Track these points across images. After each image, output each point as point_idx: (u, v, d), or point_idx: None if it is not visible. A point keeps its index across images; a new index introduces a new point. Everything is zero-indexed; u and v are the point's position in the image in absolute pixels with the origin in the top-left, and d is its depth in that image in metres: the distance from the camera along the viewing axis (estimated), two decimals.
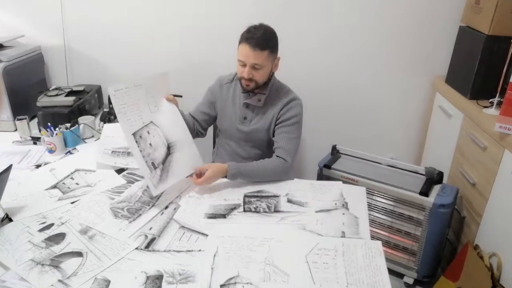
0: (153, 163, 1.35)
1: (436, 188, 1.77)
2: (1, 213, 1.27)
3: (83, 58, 2.29)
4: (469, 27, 1.90)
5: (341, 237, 1.19)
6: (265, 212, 1.32)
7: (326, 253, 1.12)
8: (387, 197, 1.83)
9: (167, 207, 1.34)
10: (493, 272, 1.48)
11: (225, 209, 1.33)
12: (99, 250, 1.12)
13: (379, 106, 2.29)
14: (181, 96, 1.79)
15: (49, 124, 1.71)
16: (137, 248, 1.14)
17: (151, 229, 1.22)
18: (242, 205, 1.36)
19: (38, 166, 1.58)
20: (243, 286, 1.01)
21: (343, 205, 1.35)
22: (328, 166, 1.93)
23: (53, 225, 1.22)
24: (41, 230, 1.20)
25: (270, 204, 1.36)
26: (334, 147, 2.07)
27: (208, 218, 1.29)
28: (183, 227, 1.24)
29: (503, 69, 1.68)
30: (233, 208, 1.34)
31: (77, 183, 1.46)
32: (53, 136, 1.66)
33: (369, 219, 1.29)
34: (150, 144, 1.37)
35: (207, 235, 1.20)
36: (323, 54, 2.19)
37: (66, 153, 1.69)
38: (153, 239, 1.18)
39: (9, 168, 1.24)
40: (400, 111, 2.29)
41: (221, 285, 1.01)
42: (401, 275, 1.92)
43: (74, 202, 1.35)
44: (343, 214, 1.30)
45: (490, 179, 1.58)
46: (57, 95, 1.94)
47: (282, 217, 1.29)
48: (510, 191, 1.47)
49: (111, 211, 1.30)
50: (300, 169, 2.49)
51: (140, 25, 2.21)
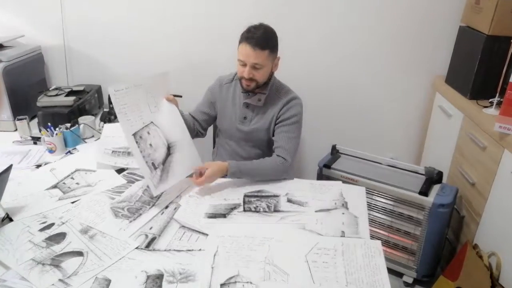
0: (153, 164, 1.35)
1: (435, 188, 1.77)
2: (1, 213, 1.27)
3: (83, 58, 2.29)
4: (469, 27, 1.91)
5: (341, 236, 1.20)
6: (265, 211, 1.32)
7: (325, 252, 1.12)
8: (387, 196, 1.83)
9: (167, 207, 1.34)
10: (492, 271, 1.48)
11: (225, 208, 1.34)
12: (100, 249, 1.12)
13: (379, 106, 2.29)
14: (181, 96, 1.79)
15: (49, 124, 1.71)
16: (137, 247, 1.14)
17: (151, 228, 1.23)
18: (242, 204, 1.36)
19: (38, 166, 1.59)
20: (243, 285, 1.01)
21: (343, 204, 1.36)
22: (328, 166, 1.94)
23: (53, 224, 1.23)
24: (41, 229, 1.20)
25: (270, 203, 1.36)
26: (334, 147, 2.07)
27: (208, 217, 1.29)
28: (184, 226, 1.24)
29: (503, 69, 1.68)
30: (233, 207, 1.34)
31: (78, 183, 1.46)
32: (53, 136, 1.66)
33: (368, 218, 1.29)
34: (150, 144, 1.37)
35: (207, 235, 1.20)
36: (323, 54, 2.19)
37: (66, 153, 1.69)
38: (153, 239, 1.18)
39: (9, 168, 1.24)
40: (400, 111, 2.30)
41: (221, 284, 1.01)
42: (400, 275, 1.92)
43: (74, 201, 1.35)
44: (343, 213, 1.31)
45: (489, 179, 1.58)
46: (57, 95, 1.94)
47: (282, 216, 1.30)
48: (509, 191, 1.47)
49: (111, 211, 1.30)
50: (300, 169, 2.49)
51: (140, 25, 2.21)
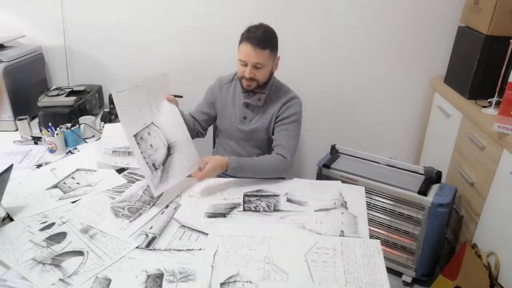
0: (153, 164, 1.35)
1: (434, 187, 1.78)
2: (2, 212, 1.28)
3: (83, 58, 2.29)
4: (468, 27, 1.91)
5: (340, 236, 1.20)
6: (265, 211, 1.33)
7: (325, 251, 1.13)
8: (386, 196, 1.84)
9: (167, 206, 1.35)
10: (491, 271, 1.48)
11: (225, 208, 1.34)
12: (100, 249, 1.13)
13: (378, 105, 2.29)
14: (182, 96, 1.79)
15: (50, 124, 1.72)
16: (137, 247, 1.14)
17: (151, 228, 1.23)
18: (242, 204, 1.36)
19: (39, 166, 1.59)
20: (243, 284, 1.01)
21: (342, 204, 1.36)
22: (327, 165, 1.94)
23: (54, 224, 1.23)
24: (42, 229, 1.21)
25: (269, 203, 1.37)
26: (333, 147, 2.08)
27: (208, 217, 1.29)
28: (184, 226, 1.25)
29: (501, 69, 1.68)
30: (233, 207, 1.35)
31: (78, 183, 1.46)
32: (54, 136, 1.67)
33: (368, 218, 1.29)
34: (150, 145, 1.37)
35: (207, 234, 1.21)
36: (323, 54, 2.20)
37: (67, 153, 1.70)
38: (153, 238, 1.18)
39: (10, 168, 1.24)
40: (399, 110, 2.30)
41: (221, 284, 1.01)
42: (399, 274, 1.93)
43: (75, 201, 1.35)
44: (342, 213, 1.31)
45: (488, 179, 1.59)
46: (58, 95, 1.95)
47: (281, 216, 1.30)
48: (508, 191, 1.47)
49: (111, 211, 1.31)
50: (299, 168, 2.50)
51: (140, 25, 2.21)
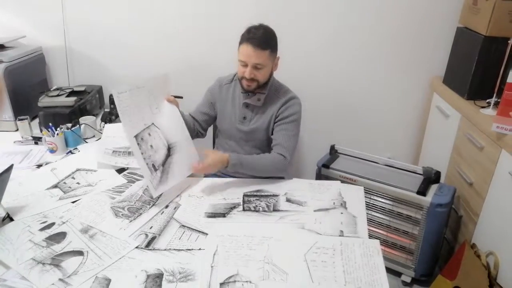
0: (153, 165, 1.36)
1: (433, 187, 1.78)
2: (2, 212, 1.28)
3: (84, 59, 2.30)
4: (466, 28, 1.91)
5: (339, 236, 1.20)
6: (264, 211, 1.33)
7: (324, 251, 1.13)
8: (385, 196, 1.84)
9: (167, 206, 1.35)
10: (490, 270, 1.49)
11: (224, 208, 1.35)
12: (100, 249, 1.13)
13: (377, 106, 2.30)
14: (182, 97, 1.80)
15: (50, 124, 1.72)
16: (137, 247, 1.15)
17: (151, 228, 1.23)
18: (241, 204, 1.37)
19: (39, 166, 1.59)
20: (243, 284, 1.02)
21: (342, 204, 1.36)
22: (326, 165, 1.94)
23: (54, 224, 1.23)
24: (42, 229, 1.21)
25: (269, 203, 1.37)
26: (332, 147, 2.08)
27: (208, 217, 1.30)
28: (183, 226, 1.25)
29: (500, 69, 1.69)
30: (233, 207, 1.35)
31: (78, 183, 1.47)
32: (54, 136, 1.67)
33: (367, 218, 1.30)
34: (151, 146, 1.38)
35: (207, 234, 1.21)
36: (322, 54, 2.20)
37: (67, 153, 1.70)
38: (153, 238, 1.19)
39: (10, 168, 1.24)
40: (398, 111, 2.30)
41: (221, 284, 1.02)
42: (398, 274, 1.93)
43: (75, 201, 1.36)
44: (342, 213, 1.32)
45: (487, 179, 1.59)
46: (58, 96, 1.95)
47: (281, 216, 1.30)
48: (506, 191, 1.48)
49: (111, 210, 1.31)
50: (299, 168, 2.50)
51: (140, 26, 2.22)
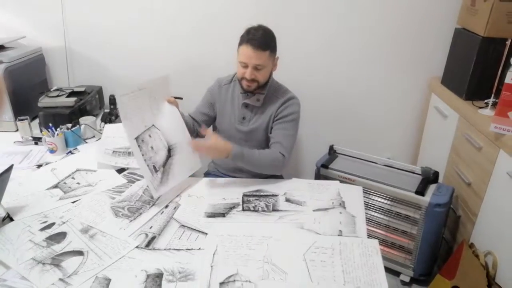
0: (154, 166, 1.36)
1: (432, 187, 1.79)
2: (2, 212, 1.28)
3: (84, 59, 2.30)
4: (464, 29, 1.92)
5: (338, 235, 1.21)
6: (264, 211, 1.34)
7: (323, 251, 1.14)
8: (384, 196, 1.85)
9: (167, 206, 1.35)
10: (488, 270, 1.49)
11: (224, 208, 1.35)
12: (100, 249, 1.14)
13: (375, 106, 2.30)
14: (182, 98, 1.80)
15: (50, 124, 1.72)
16: (137, 246, 1.15)
17: (151, 228, 1.24)
18: (241, 204, 1.37)
19: (39, 166, 1.60)
20: (242, 284, 1.02)
21: (340, 204, 1.37)
22: (325, 165, 1.95)
23: (54, 224, 1.24)
24: (42, 229, 1.21)
25: (268, 203, 1.38)
26: (331, 147, 2.09)
27: (207, 217, 1.30)
28: (183, 225, 1.26)
29: (498, 70, 1.70)
30: (232, 207, 1.36)
31: (78, 183, 1.47)
32: (54, 136, 1.68)
33: (366, 218, 1.30)
34: (151, 147, 1.38)
35: (207, 234, 1.22)
36: (321, 54, 2.21)
37: (67, 153, 1.70)
38: (153, 238, 1.19)
39: (10, 168, 1.25)
40: (396, 111, 2.31)
41: (221, 283, 1.02)
42: (397, 273, 1.94)
43: (75, 201, 1.36)
44: (340, 213, 1.32)
45: (485, 179, 1.60)
46: (58, 96, 1.95)
47: (280, 216, 1.31)
48: (505, 191, 1.48)
49: (111, 210, 1.31)
50: (298, 168, 2.51)
51: (140, 27, 2.22)
